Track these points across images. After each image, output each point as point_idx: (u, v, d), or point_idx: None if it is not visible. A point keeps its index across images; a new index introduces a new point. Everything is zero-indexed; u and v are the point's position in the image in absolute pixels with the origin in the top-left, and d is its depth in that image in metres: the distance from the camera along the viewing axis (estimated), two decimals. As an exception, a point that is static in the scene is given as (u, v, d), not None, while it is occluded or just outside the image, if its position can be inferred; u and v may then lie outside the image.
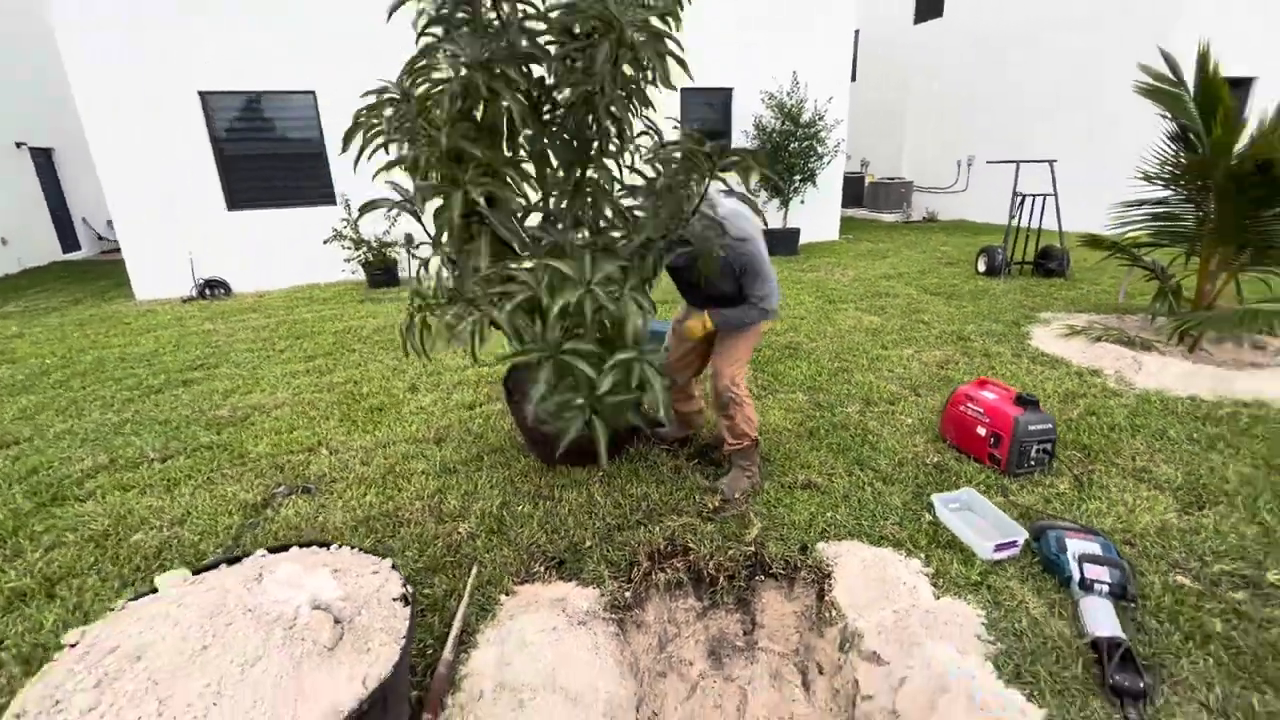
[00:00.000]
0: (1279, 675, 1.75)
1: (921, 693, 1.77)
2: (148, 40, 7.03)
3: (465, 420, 3.64)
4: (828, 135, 8.96)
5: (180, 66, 7.19)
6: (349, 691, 1.24)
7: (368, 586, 1.49)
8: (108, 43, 6.93)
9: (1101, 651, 1.82)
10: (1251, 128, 4.01)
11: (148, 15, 6.96)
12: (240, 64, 7.38)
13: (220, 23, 7.19)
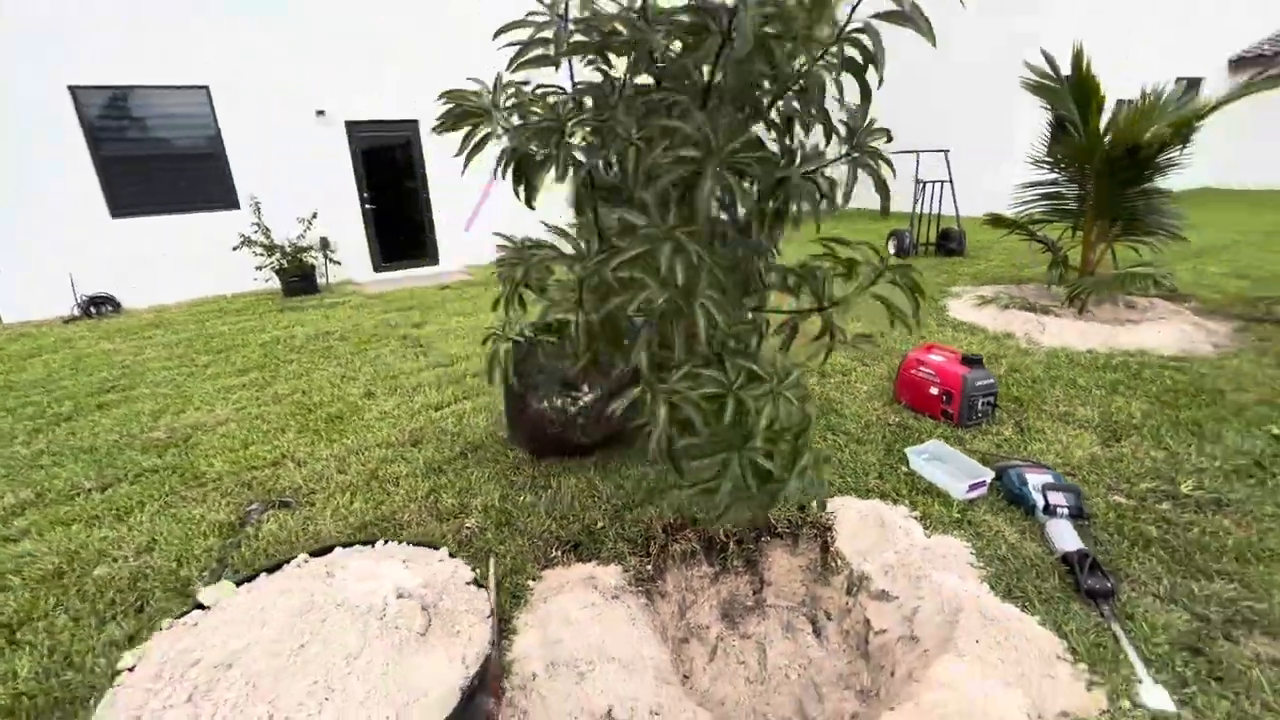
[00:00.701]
0: (1206, 565, 2.11)
1: (938, 615, 1.98)
2: (6, 30, 6.19)
3: (436, 421, 3.55)
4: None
5: (47, 59, 6.38)
6: (452, 672, 1.25)
7: (441, 573, 1.49)
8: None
9: (1072, 564, 2.11)
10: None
11: (6, 2, 6.12)
12: (119, 56, 6.65)
13: (94, 11, 6.45)
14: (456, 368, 4.45)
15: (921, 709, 1.62)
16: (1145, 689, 1.68)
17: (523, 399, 2.88)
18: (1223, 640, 1.83)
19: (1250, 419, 3.11)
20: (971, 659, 1.75)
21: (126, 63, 6.69)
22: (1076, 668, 1.77)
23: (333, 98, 7.57)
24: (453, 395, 3.94)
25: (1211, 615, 1.92)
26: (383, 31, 7.68)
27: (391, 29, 7.72)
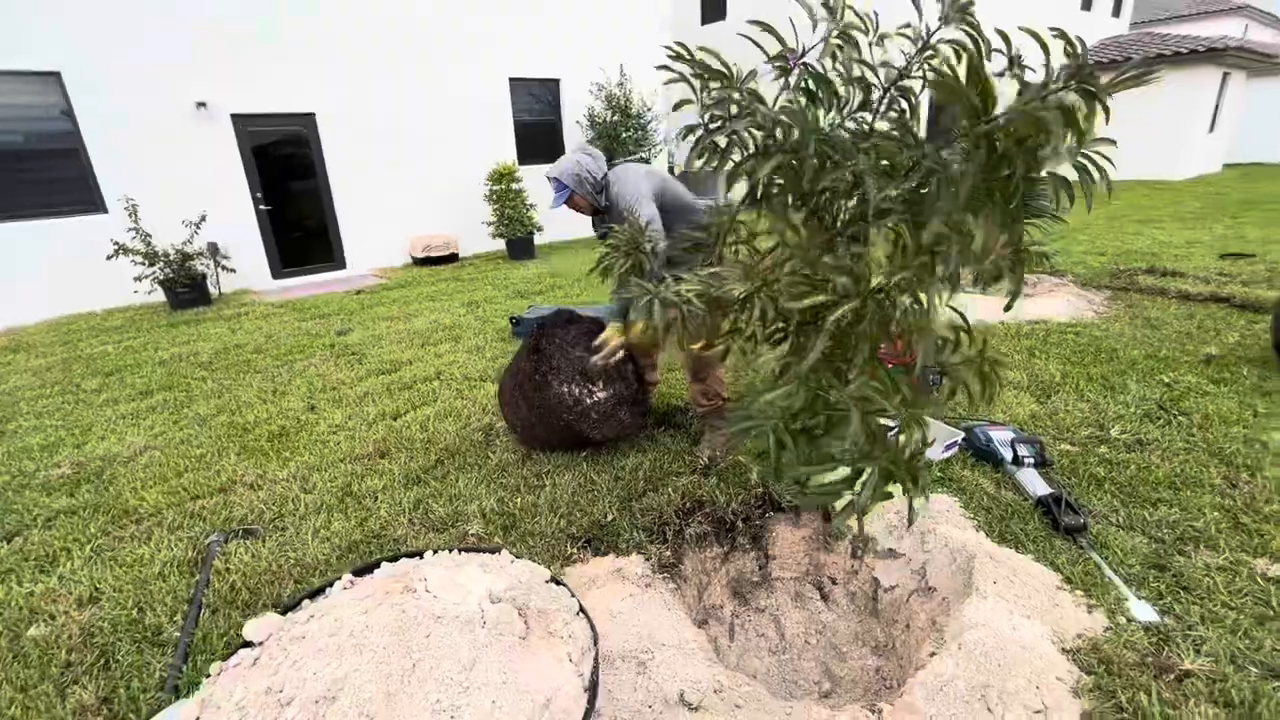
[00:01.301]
0: (1148, 495, 2.44)
1: (951, 564, 2.14)
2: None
3: (399, 430, 3.33)
4: (658, 125, 9.49)
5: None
6: (563, 672, 1.20)
7: (520, 574, 1.41)
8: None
9: (1048, 505, 2.36)
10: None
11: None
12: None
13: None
14: (401, 374, 4.19)
15: (966, 648, 1.74)
16: (1133, 605, 1.92)
17: (544, 379, 2.79)
18: (1178, 556, 2.12)
19: (1143, 371, 3.61)
20: (994, 598, 1.92)
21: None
22: (1075, 595, 1.98)
23: (215, 88, 6.82)
24: (408, 403, 3.70)
25: (1164, 536, 2.22)
26: (270, 16, 7.02)
27: (278, 14, 7.08)
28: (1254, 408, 3.12)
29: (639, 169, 2.78)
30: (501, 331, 5.07)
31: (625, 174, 2.75)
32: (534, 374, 2.77)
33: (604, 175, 2.78)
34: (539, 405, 2.75)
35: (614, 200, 2.74)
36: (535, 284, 6.84)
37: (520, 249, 8.46)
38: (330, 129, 7.70)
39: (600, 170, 2.77)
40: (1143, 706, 1.57)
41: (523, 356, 2.87)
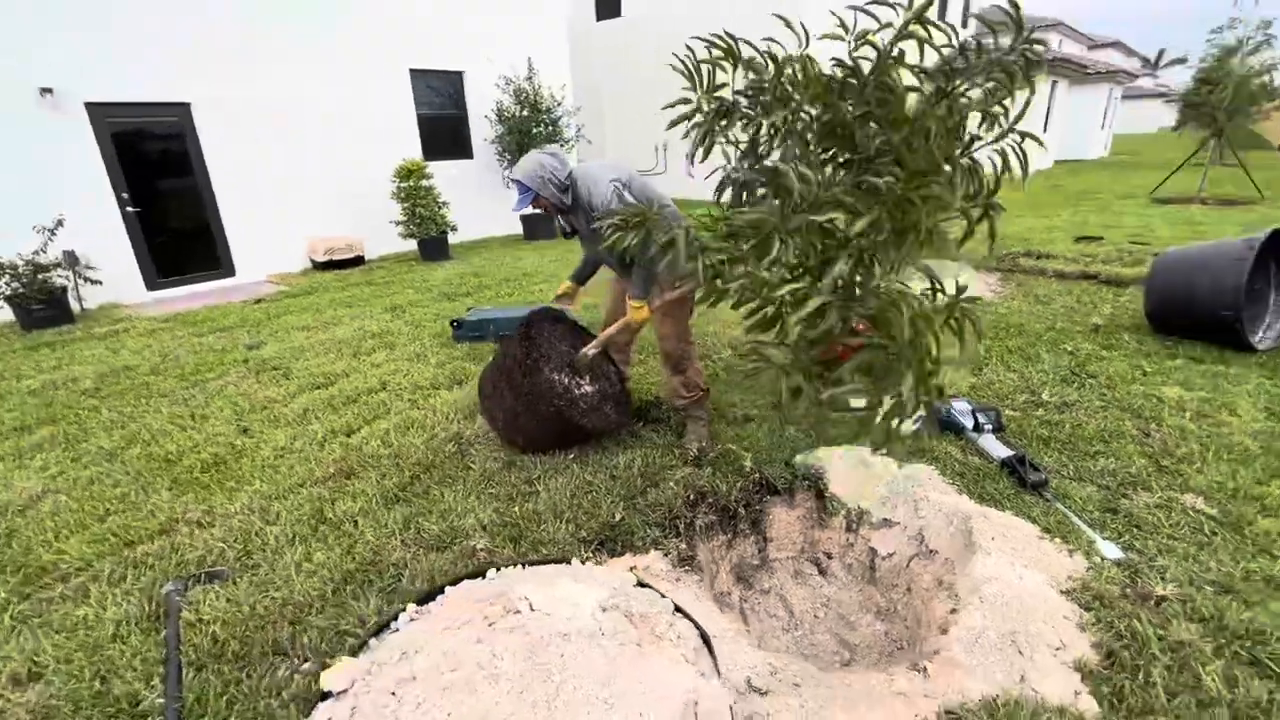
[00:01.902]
0: (1086, 449, 2.78)
1: (948, 527, 2.32)
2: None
3: (358, 447, 3.07)
4: (570, 120, 9.38)
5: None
6: (686, 673, 1.19)
7: (611, 580, 1.36)
8: None
9: (1012, 465, 2.61)
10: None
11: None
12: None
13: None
14: (340, 388, 3.86)
15: (988, 601, 1.90)
16: (1101, 546, 2.19)
17: (536, 364, 2.73)
18: (1123, 499, 2.44)
19: (1049, 342, 4.09)
20: (996, 554, 2.10)
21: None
22: (1054, 543, 2.22)
23: (63, 72, 5.88)
24: (358, 418, 3.42)
25: (1109, 484, 2.54)
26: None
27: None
28: (1141, 367, 3.64)
29: (604, 166, 2.75)
30: (440, 336, 4.80)
31: (591, 171, 2.71)
32: (525, 359, 2.69)
33: (568, 174, 2.72)
34: (528, 392, 2.66)
35: (579, 198, 2.70)
36: (459, 286, 6.54)
37: (434, 249, 8.05)
38: (210, 121, 6.89)
39: (564, 169, 2.71)
40: (1138, 631, 1.79)
41: (513, 344, 2.78)
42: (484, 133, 9.27)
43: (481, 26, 9.09)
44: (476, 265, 7.64)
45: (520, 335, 2.79)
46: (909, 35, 1.58)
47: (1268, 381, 3.38)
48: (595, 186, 2.65)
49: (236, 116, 7.05)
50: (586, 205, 2.68)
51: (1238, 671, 1.65)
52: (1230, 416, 3.01)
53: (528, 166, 2.67)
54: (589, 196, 2.66)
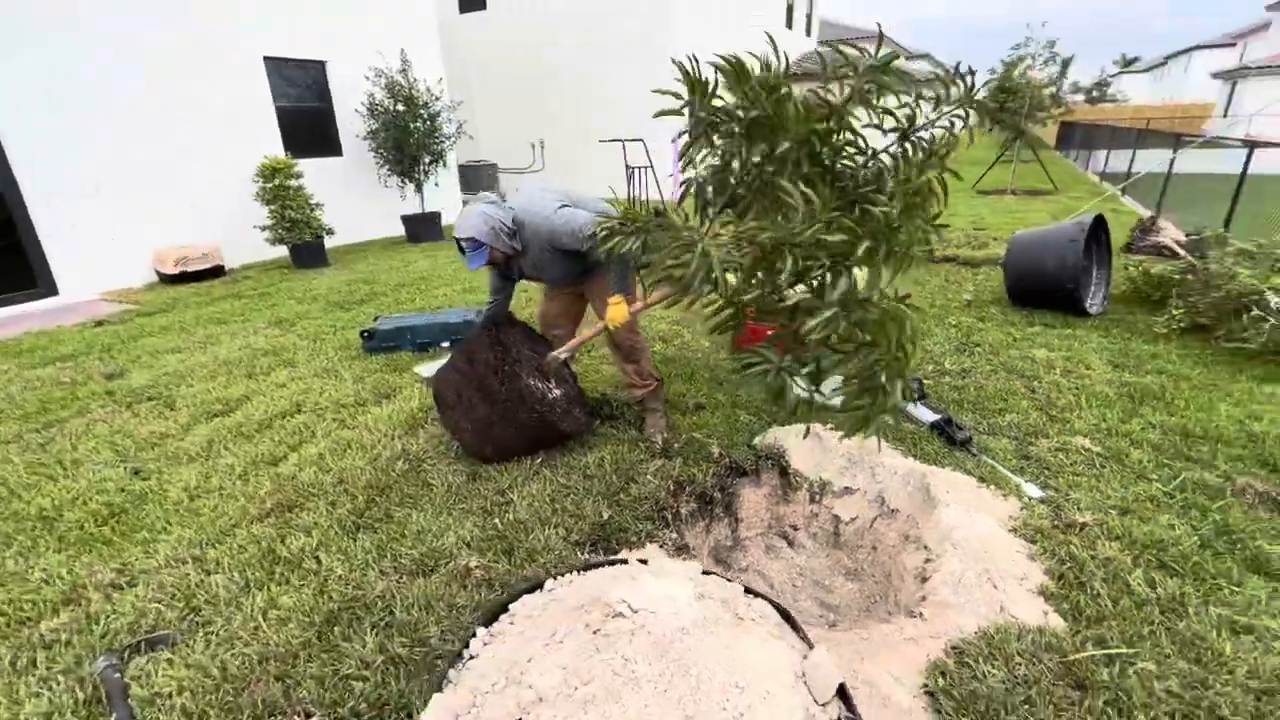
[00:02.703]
0: (991, 408, 3.20)
1: (906, 487, 2.57)
2: None
3: (291, 477, 2.76)
4: (451, 115, 8.95)
5: None
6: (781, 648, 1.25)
7: (682, 572, 1.38)
8: None
9: (941, 427, 2.95)
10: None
11: None
12: None
13: None
14: (245, 414, 3.43)
15: (960, 546, 2.15)
16: (1026, 488, 2.55)
17: (514, 370, 2.65)
18: (1030, 446, 2.85)
19: (935, 317, 4.64)
20: (955, 505, 2.37)
21: None
22: (990, 490, 2.55)
23: None
24: (280, 445, 3.07)
25: (1016, 435, 2.95)
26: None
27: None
28: (1011, 334, 4.24)
29: (539, 191, 2.76)
30: (347, 349, 4.42)
31: (536, 208, 2.69)
32: (501, 366, 2.58)
33: (512, 219, 2.66)
34: (506, 399, 2.56)
35: (538, 239, 2.66)
36: (349, 294, 6.03)
37: (309, 256, 7.32)
38: (14, 113, 5.74)
39: (508, 215, 2.66)
40: (1075, 555, 2.12)
41: (480, 350, 2.64)
42: (355, 128, 8.58)
43: (345, 12, 8.39)
44: (363, 271, 7.08)
45: (490, 340, 2.67)
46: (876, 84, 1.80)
47: (1105, 339, 4.09)
48: (570, 221, 2.64)
49: (53, 107, 5.93)
50: (554, 242, 2.66)
51: (1154, 575, 2.02)
52: (1088, 370, 3.61)
53: (474, 222, 2.57)
54: (566, 232, 2.64)
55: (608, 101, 13.21)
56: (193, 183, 7.15)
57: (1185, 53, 41.31)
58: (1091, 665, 1.68)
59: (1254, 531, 2.19)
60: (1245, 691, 1.60)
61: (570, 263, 2.76)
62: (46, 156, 5.99)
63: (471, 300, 5.65)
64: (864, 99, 1.86)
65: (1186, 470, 2.58)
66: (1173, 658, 1.71)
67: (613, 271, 2.64)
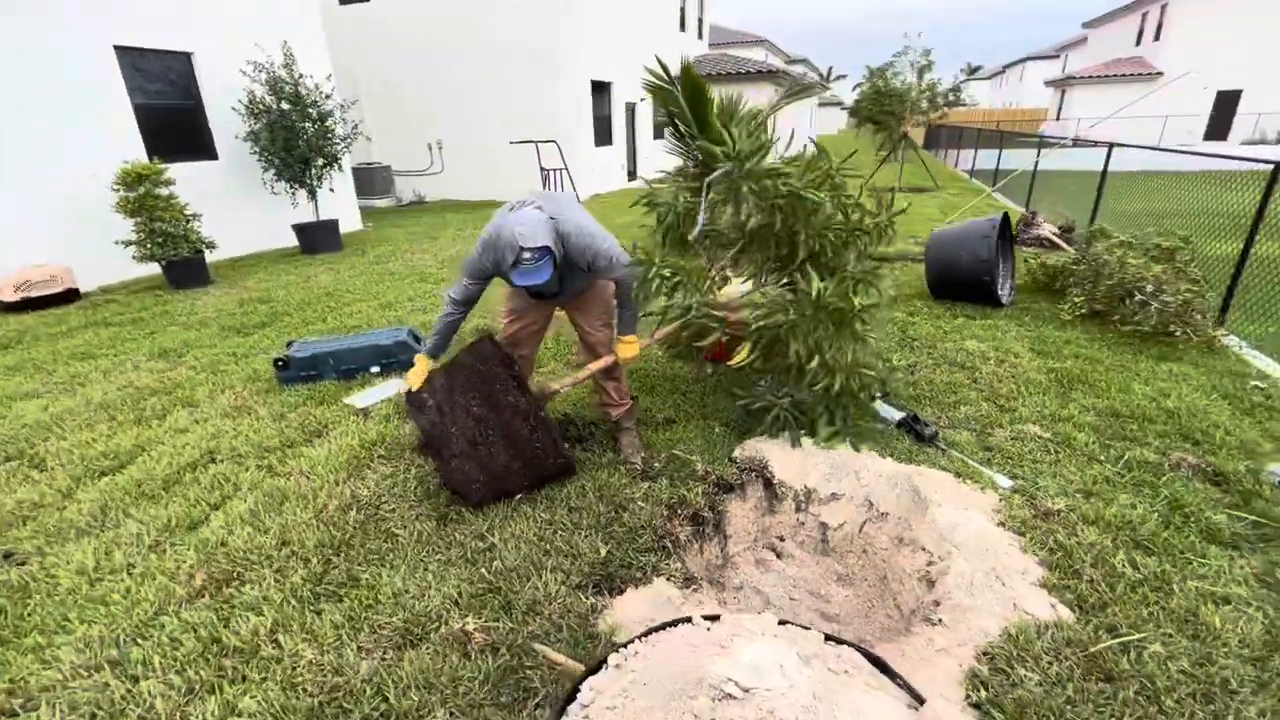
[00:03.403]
0: (946, 401, 3.34)
1: (892, 490, 2.60)
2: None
3: (218, 542, 2.35)
4: (345, 115, 8.23)
5: None
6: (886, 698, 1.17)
7: (760, 625, 1.26)
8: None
9: (908, 426, 3.03)
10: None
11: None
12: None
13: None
14: (140, 469, 2.90)
15: (963, 547, 2.18)
16: (997, 479, 2.66)
17: (544, 418, 2.44)
18: (989, 437, 3.00)
19: (868, 314, 4.81)
20: (946, 504, 2.42)
21: None
22: (968, 484, 2.63)
23: None
24: (196, 504, 2.61)
25: (974, 427, 3.09)
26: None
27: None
28: (941, 328, 4.49)
29: (570, 201, 2.55)
30: (258, 381, 3.89)
31: (580, 218, 2.47)
32: (535, 410, 2.42)
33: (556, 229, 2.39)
34: (539, 447, 2.38)
35: (573, 253, 2.43)
36: (245, 316, 5.36)
37: (187, 273, 6.44)
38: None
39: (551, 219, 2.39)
40: (1061, 543, 2.22)
41: (505, 393, 2.37)
42: (233, 128, 7.67)
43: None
44: (256, 289, 6.34)
45: (515, 381, 2.40)
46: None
47: (1021, 328, 4.43)
48: (614, 247, 2.50)
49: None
50: (594, 261, 2.46)
51: (1134, 555, 2.15)
52: (1017, 359, 3.88)
53: (542, 231, 2.25)
54: (608, 256, 2.47)
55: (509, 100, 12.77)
56: (33, 194, 6.07)
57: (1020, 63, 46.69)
58: (1111, 655, 1.75)
59: (1199, 504, 2.41)
60: (1243, 661, 1.73)
61: (582, 280, 2.59)
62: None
63: (392, 317, 5.20)
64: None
65: (1128, 450, 2.81)
66: (1175, 636, 1.81)
67: (629, 311, 2.56)
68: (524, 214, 2.29)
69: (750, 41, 31.09)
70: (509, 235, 2.22)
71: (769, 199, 2.50)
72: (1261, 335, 4.17)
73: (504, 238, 2.25)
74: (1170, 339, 3.95)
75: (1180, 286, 4.08)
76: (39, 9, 6.03)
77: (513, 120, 12.42)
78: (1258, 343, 4.10)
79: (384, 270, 6.98)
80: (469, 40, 12.76)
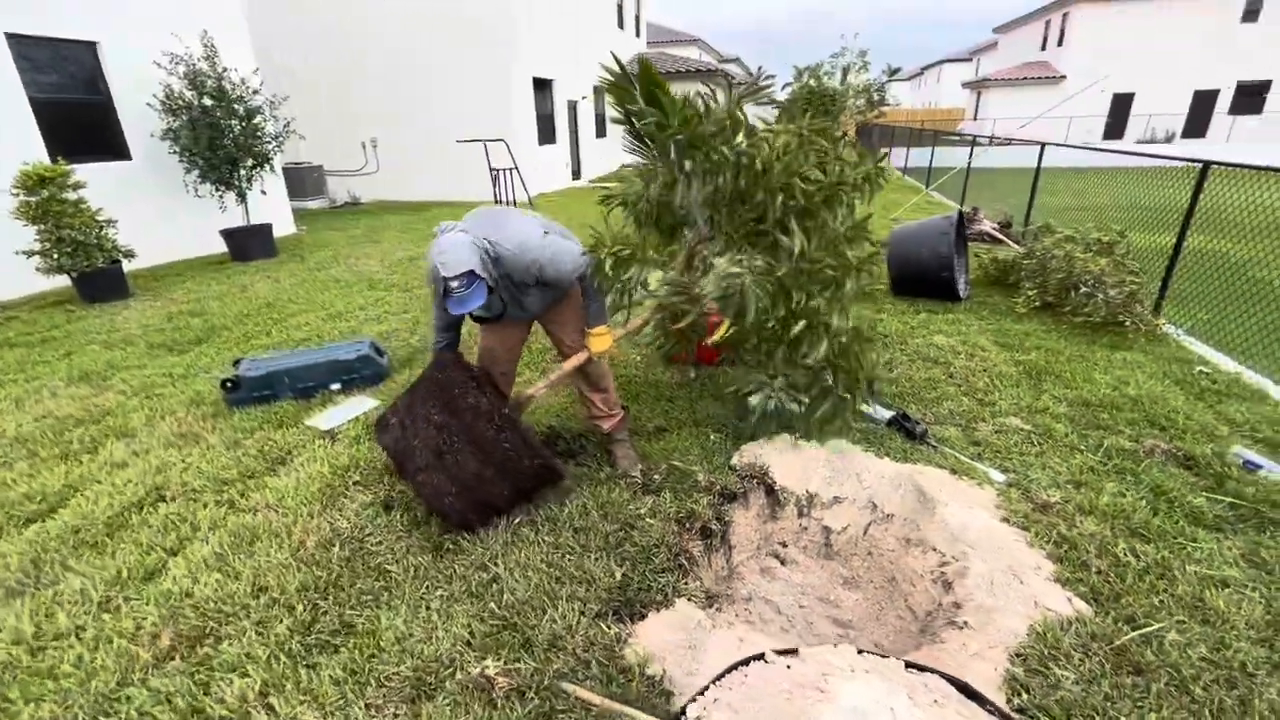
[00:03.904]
0: (929, 398, 3.40)
1: (896, 491, 2.60)
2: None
3: (183, 594, 2.09)
4: (275, 113, 7.68)
5: None
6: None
7: (846, 662, 1.19)
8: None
9: (898, 423, 3.06)
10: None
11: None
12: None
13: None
14: (76, 513, 2.56)
15: (978, 546, 2.20)
16: (991, 474, 2.71)
17: (510, 416, 2.29)
18: (975, 431, 3.06)
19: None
20: (952, 503, 2.44)
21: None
22: (966, 481, 2.67)
23: None
24: (150, 550, 2.32)
25: (959, 422, 3.15)
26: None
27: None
28: (909, 324, 4.59)
29: (504, 215, 2.42)
30: (202, 405, 3.54)
31: (514, 231, 2.32)
32: (498, 409, 2.23)
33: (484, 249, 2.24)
34: (509, 448, 2.21)
35: (513, 271, 2.30)
36: (176, 332, 4.89)
37: (103, 285, 5.83)
38: None
39: (481, 243, 2.23)
40: (1064, 536, 2.27)
41: (463, 395, 2.21)
42: (148, 126, 7.02)
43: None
44: (184, 301, 5.81)
45: (472, 381, 2.25)
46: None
47: (982, 322, 4.59)
48: (561, 252, 2.36)
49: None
50: (541, 274, 2.32)
51: (1134, 544, 2.22)
52: (985, 352, 4.01)
53: (465, 255, 2.10)
54: (558, 263, 2.34)
55: (447, 97, 12.31)
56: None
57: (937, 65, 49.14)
58: (1136, 647, 1.79)
59: (1179, 489, 2.52)
60: (1253, 643, 1.80)
61: (546, 293, 2.43)
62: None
63: (343, 328, 4.88)
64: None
65: (1105, 439, 2.93)
66: (1188, 622, 1.88)
67: (596, 302, 2.41)
68: (445, 241, 2.14)
69: (685, 40, 31.29)
70: (431, 265, 2.15)
71: (734, 164, 2.44)
72: (1195, 323, 4.48)
73: (430, 267, 2.18)
74: (1120, 328, 4.19)
75: (1125, 279, 4.32)
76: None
77: (453, 117, 11.97)
78: (1190, 330, 4.40)
79: (328, 277, 6.56)
80: (404, 32, 12.22)
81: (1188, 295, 4.83)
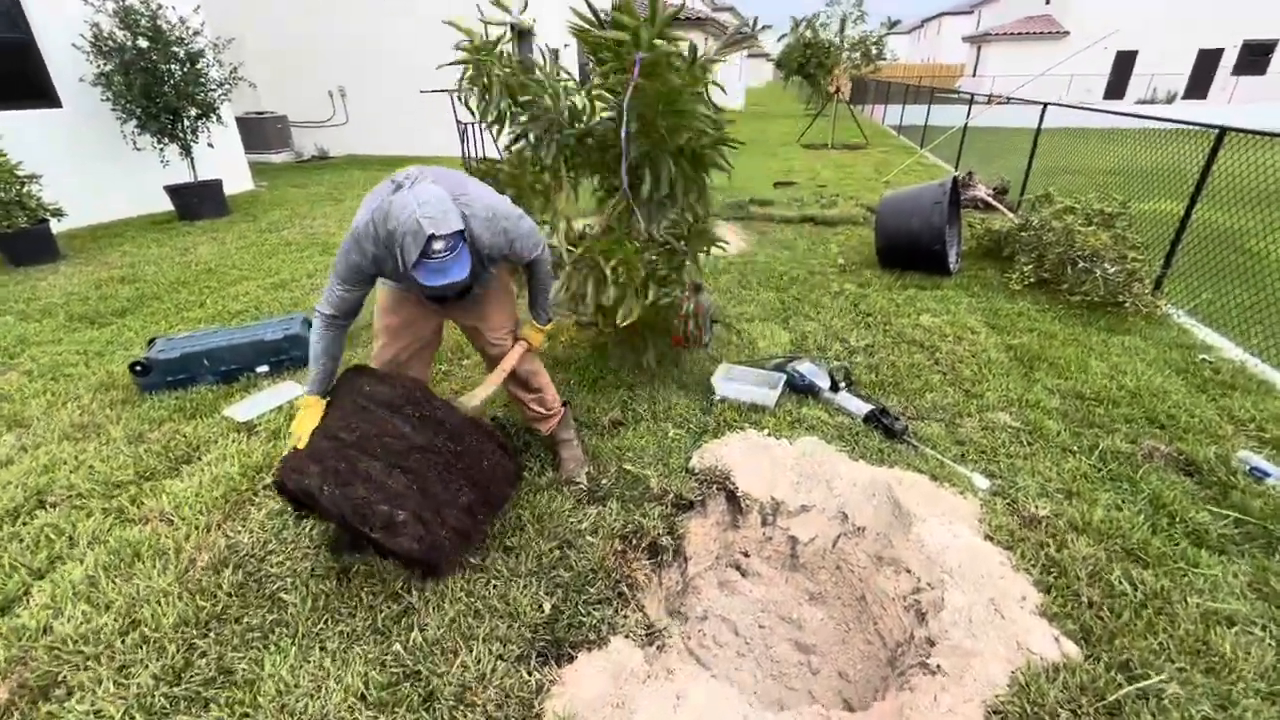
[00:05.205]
0: (907, 387, 3.12)
1: (869, 501, 2.34)
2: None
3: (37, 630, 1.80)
4: (219, 57, 7.04)
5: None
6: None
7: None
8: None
9: (876, 418, 2.78)
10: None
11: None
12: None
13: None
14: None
15: (956, 575, 1.95)
16: (975, 480, 2.45)
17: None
18: (959, 428, 2.79)
19: (817, 285, 4.56)
20: (930, 519, 2.18)
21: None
22: (947, 488, 2.41)
23: None
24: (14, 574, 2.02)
25: (943, 417, 2.88)
26: None
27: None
28: (894, 300, 4.29)
29: (465, 179, 1.96)
30: (113, 389, 3.19)
31: (485, 197, 1.92)
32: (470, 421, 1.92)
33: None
34: (496, 457, 1.96)
35: (480, 241, 1.88)
36: (101, 301, 4.48)
37: (27, 248, 5.35)
38: None
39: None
40: (1053, 559, 2.03)
41: (422, 406, 1.85)
42: (79, 70, 6.40)
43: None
44: (118, 265, 5.36)
45: (422, 400, 1.86)
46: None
47: (972, 299, 4.29)
48: (534, 230, 2.04)
49: None
50: (509, 249, 1.97)
51: (1130, 569, 1.98)
52: (974, 335, 3.72)
53: (449, 209, 1.67)
54: (527, 239, 2.01)
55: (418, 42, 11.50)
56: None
57: (936, 18, 47.43)
58: (1131, 705, 1.55)
59: (1180, 500, 2.28)
60: (1263, 698, 1.57)
61: (483, 278, 2.02)
62: None
63: (286, 299, 4.49)
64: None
65: (1100, 439, 2.67)
66: (1190, 671, 1.64)
67: (544, 295, 2.10)
68: (424, 191, 1.69)
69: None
70: (408, 221, 1.62)
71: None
72: (1198, 303, 4.21)
73: (402, 224, 1.63)
74: (1118, 309, 3.90)
75: (1127, 254, 4.02)
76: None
77: (423, 67, 11.20)
78: (1192, 311, 4.13)
79: (278, 240, 6.11)
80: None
81: (1189, 271, 4.54)
